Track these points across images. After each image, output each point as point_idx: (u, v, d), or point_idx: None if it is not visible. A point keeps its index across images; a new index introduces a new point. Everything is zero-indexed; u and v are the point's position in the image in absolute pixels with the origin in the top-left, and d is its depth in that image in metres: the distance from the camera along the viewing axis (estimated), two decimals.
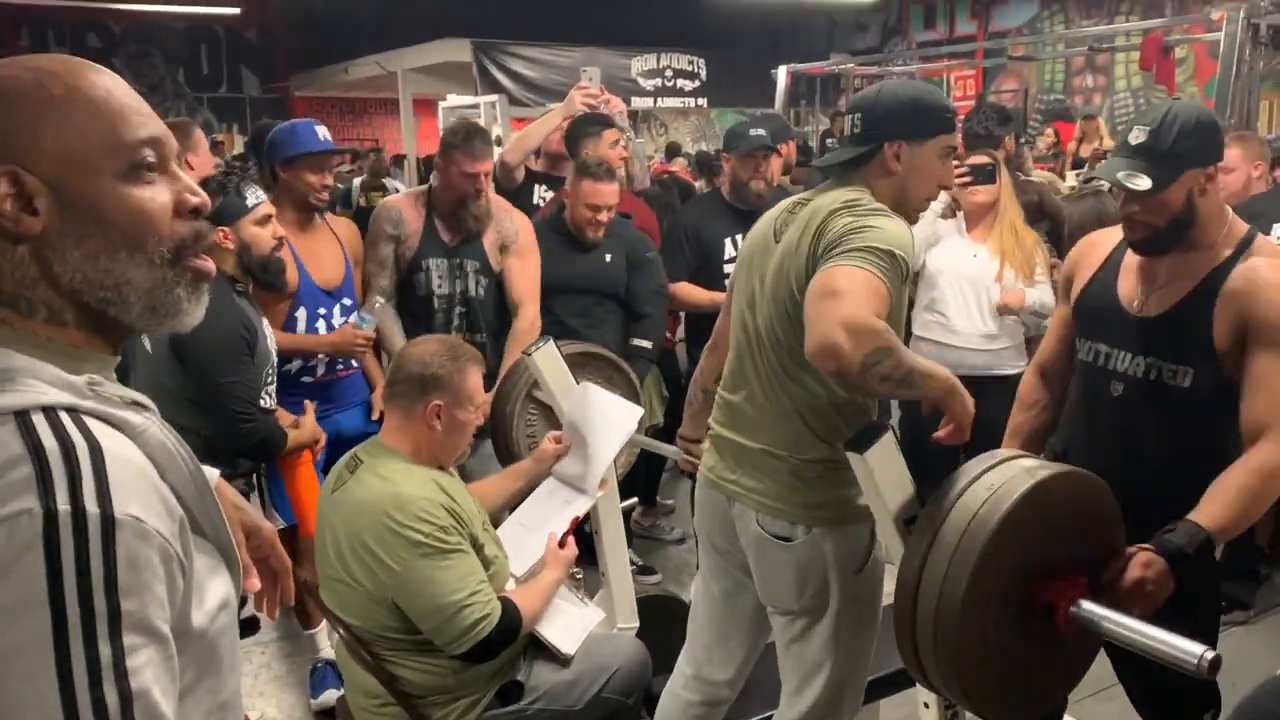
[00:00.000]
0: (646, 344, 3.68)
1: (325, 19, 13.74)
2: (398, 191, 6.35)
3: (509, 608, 2.24)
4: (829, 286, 1.75)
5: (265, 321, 2.80)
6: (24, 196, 0.91)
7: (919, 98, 2.01)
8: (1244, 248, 2.08)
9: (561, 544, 2.49)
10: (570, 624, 2.44)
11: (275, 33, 15.14)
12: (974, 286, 3.60)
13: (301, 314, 3.15)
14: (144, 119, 0.97)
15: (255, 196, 2.73)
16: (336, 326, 3.20)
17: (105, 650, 0.82)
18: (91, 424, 0.90)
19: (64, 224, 0.92)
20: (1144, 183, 2.02)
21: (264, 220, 2.74)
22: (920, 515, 1.79)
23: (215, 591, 1.02)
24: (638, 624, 2.84)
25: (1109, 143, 7.47)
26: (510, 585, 2.39)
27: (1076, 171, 6.76)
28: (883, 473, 1.82)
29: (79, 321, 0.96)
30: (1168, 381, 2.11)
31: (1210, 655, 1.54)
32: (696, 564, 2.54)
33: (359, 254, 3.40)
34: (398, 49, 12.19)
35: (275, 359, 2.82)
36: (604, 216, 3.57)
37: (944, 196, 3.58)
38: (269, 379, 2.77)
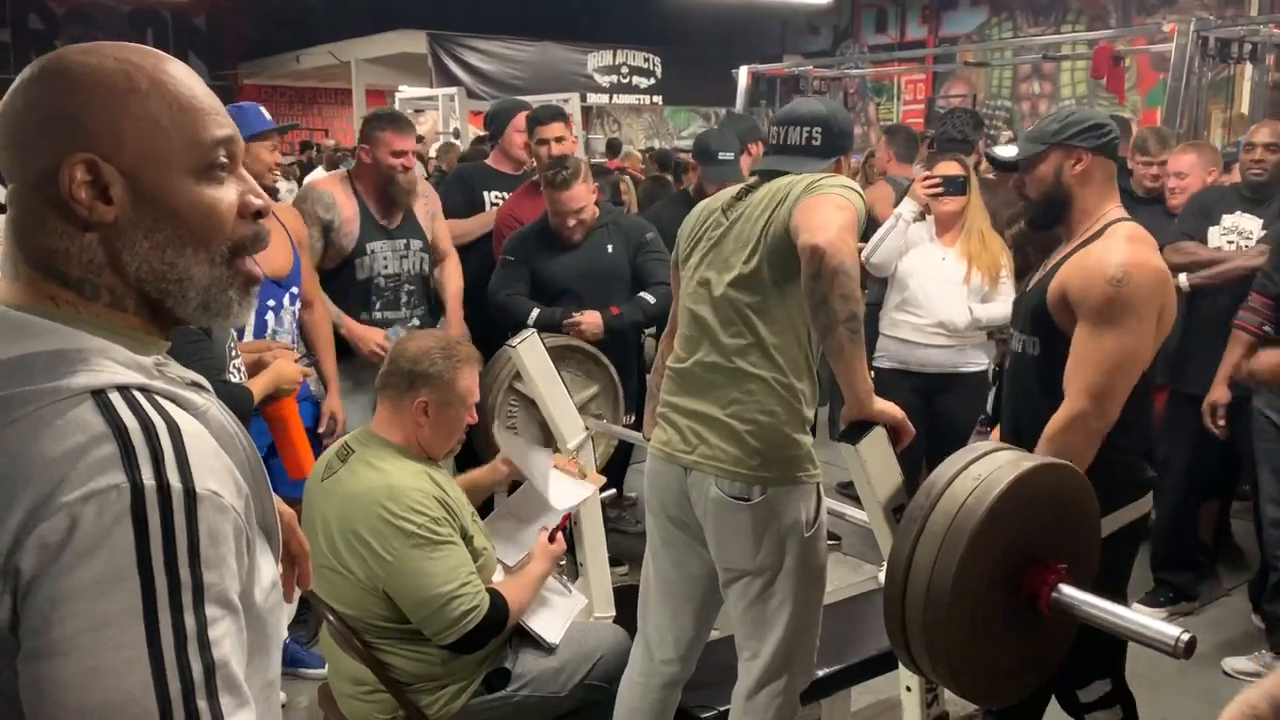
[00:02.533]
0: (650, 297, 3.60)
1: (277, 6, 13.56)
2: None
3: (497, 600, 2.27)
4: (826, 204, 1.98)
5: None
6: (100, 185, 0.92)
7: (849, 118, 2.35)
8: (1100, 233, 2.25)
9: (551, 538, 2.52)
10: (554, 613, 2.48)
11: (224, 19, 14.91)
12: (942, 288, 3.71)
13: (269, 305, 3.12)
14: (220, 118, 0.99)
15: None
16: (286, 316, 3.17)
17: (190, 621, 0.85)
18: (164, 404, 0.92)
19: (137, 215, 0.94)
20: (1009, 151, 2.33)
21: None
22: (909, 505, 1.86)
23: (267, 570, 1.05)
24: (614, 613, 2.89)
25: None
26: (498, 575, 2.42)
27: None
28: (874, 463, 1.89)
29: (138, 309, 0.98)
30: (1028, 352, 2.33)
31: (1186, 637, 1.63)
32: None
33: (304, 242, 3.40)
34: (351, 39, 12.08)
35: (233, 334, 2.76)
36: (572, 222, 3.54)
37: (915, 205, 3.68)
38: (234, 353, 2.73)
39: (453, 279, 3.76)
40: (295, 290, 3.21)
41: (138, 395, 0.90)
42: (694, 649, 2.41)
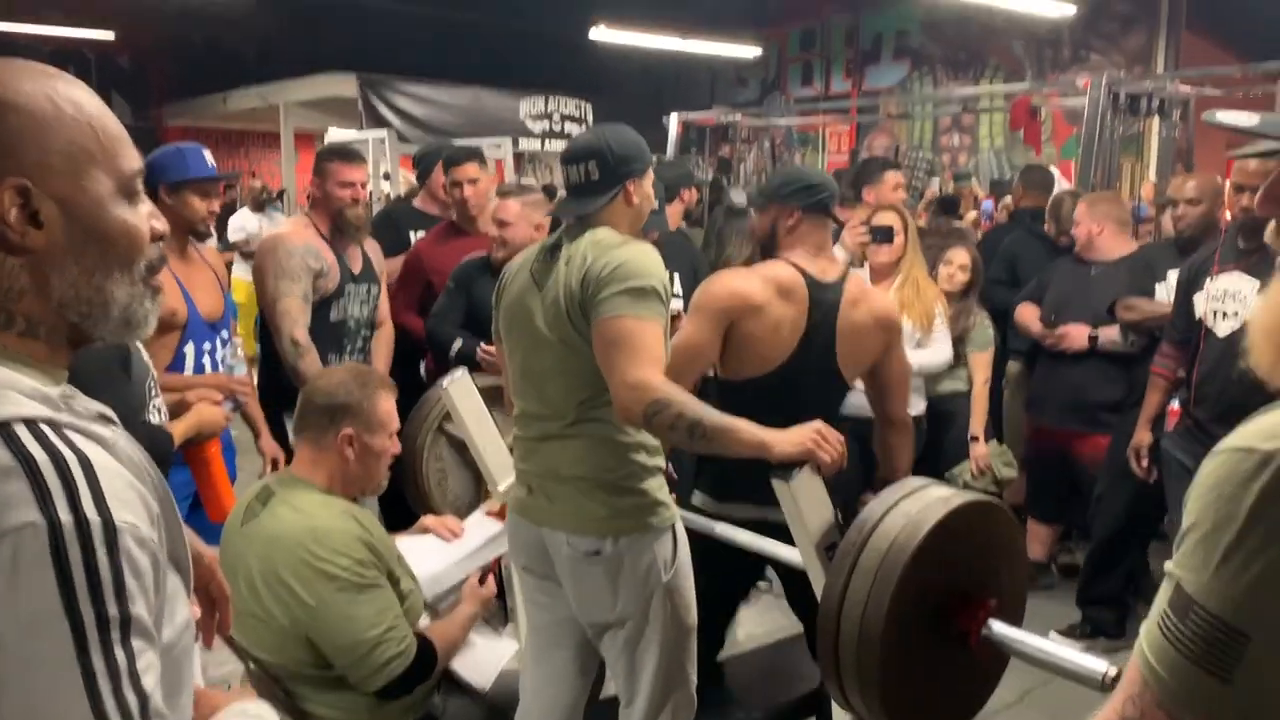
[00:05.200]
0: None
1: (204, 47, 13.41)
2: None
3: (424, 644, 2.22)
4: (611, 342, 2.03)
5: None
6: (30, 209, 0.91)
7: (635, 138, 2.28)
8: None
9: (481, 580, 2.48)
10: (484, 657, 2.43)
11: (149, 59, 14.68)
12: None
13: (190, 349, 3.01)
14: (131, 146, 1.01)
15: None
16: (220, 360, 3.10)
17: (121, 655, 0.83)
18: (72, 436, 0.90)
19: (68, 240, 0.93)
20: (742, 198, 2.67)
21: None
22: (841, 542, 1.86)
23: (180, 612, 1.01)
24: None
25: (984, 196, 7.90)
26: (424, 619, 2.37)
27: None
28: (806, 500, 1.90)
29: (50, 335, 0.96)
30: None
31: (1114, 672, 1.65)
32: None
33: (226, 283, 3.34)
34: (280, 81, 11.97)
35: (153, 372, 2.69)
36: (507, 235, 3.44)
37: (843, 254, 3.74)
38: (153, 393, 2.65)
39: (381, 351, 3.64)
40: (226, 334, 3.15)
41: (45, 428, 0.88)
42: (576, 711, 2.40)
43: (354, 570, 2.12)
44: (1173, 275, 3.82)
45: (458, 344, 3.46)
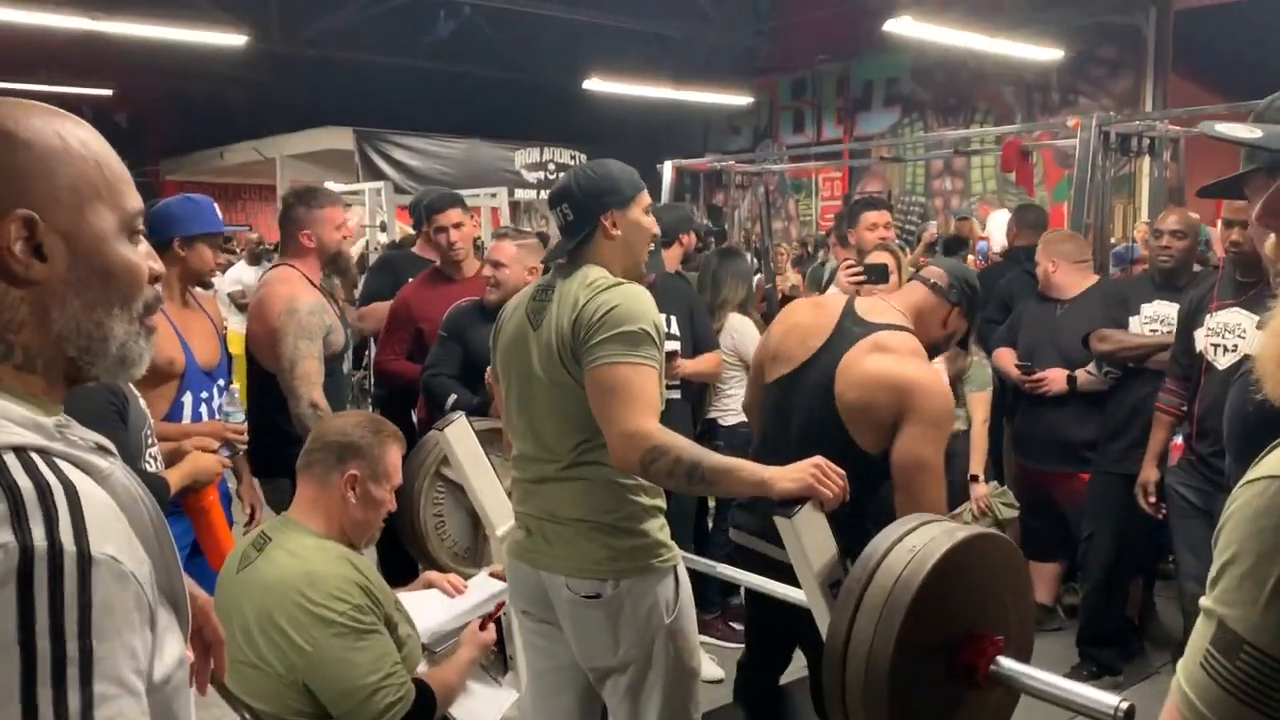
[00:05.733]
0: None
1: (201, 103, 13.55)
2: None
3: (424, 690, 2.18)
4: (605, 389, 2.01)
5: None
6: (34, 242, 0.91)
7: (609, 170, 2.23)
8: None
9: (482, 626, 2.44)
10: (483, 704, 2.39)
11: (146, 115, 14.82)
12: None
13: (188, 398, 2.97)
14: (133, 186, 1.02)
15: None
16: (216, 409, 3.07)
17: (74, 699, 0.79)
18: (63, 466, 0.88)
19: (71, 274, 0.94)
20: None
21: None
22: (845, 579, 1.83)
23: (172, 647, 0.99)
24: None
25: (980, 236, 7.94)
26: (423, 665, 2.33)
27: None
28: (809, 537, 1.87)
29: (47, 370, 0.96)
30: None
31: (1125, 705, 1.62)
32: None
33: (223, 331, 3.31)
34: (276, 135, 12.09)
35: (150, 421, 2.67)
36: (500, 276, 3.45)
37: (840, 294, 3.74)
38: (149, 441, 2.63)
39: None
40: (223, 382, 3.12)
41: (34, 457, 0.86)
42: None
43: (351, 615, 2.08)
44: (1146, 308, 3.85)
45: (453, 398, 3.42)
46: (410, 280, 4.13)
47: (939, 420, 2.41)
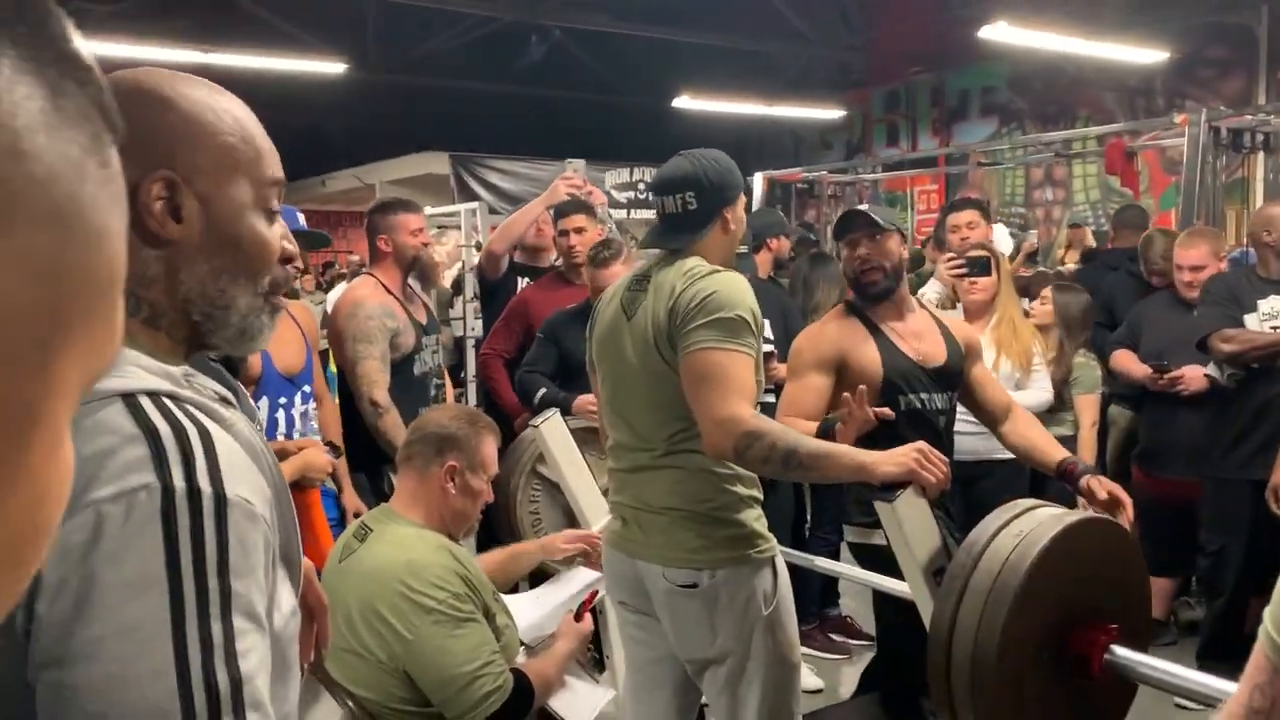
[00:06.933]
0: None
1: (301, 132, 13.99)
2: None
3: (521, 680, 2.18)
4: (699, 376, 2.00)
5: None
6: (173, 204, 0.94)
7: (730, 163, 2.26)
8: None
9: (578, 617, 2.44)
10: (581, 701, 2.38)
11: None
12: None
13: (264, 403, 3.03)
14: (276, 160, 1.04)
15: None
16: (296, 415, 3.14)
17: (218, 630, 0.82)
18: (194, 411, 0.91)
19: (203, 240, 0.96)
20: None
21: None
22: (950, 565, 1.79)
23: (287, 598, 1.01)
24: None
25: (1090, 244, 7.70)
26: (521, 656, 2.34)
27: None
28: (910, 523, 1.83)
29: (171, 329, 0.99)
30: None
31: None
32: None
33: (316, 341, 3.40)
34: (375, 162, 12.41)
35: (258, 417, 2.71)
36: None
37: (939, 287, 3.67)
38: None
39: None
40: (307, 389, 3.19)
41: (168, 402, 0.89)
42: None
43: (450, 604, 2.10)
44: (1264, 305, 3.68)
45: (542, 391, 3.49)
46: (525, 282, 4.24)
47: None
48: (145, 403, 0.87)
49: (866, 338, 2.62)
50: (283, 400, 3.09)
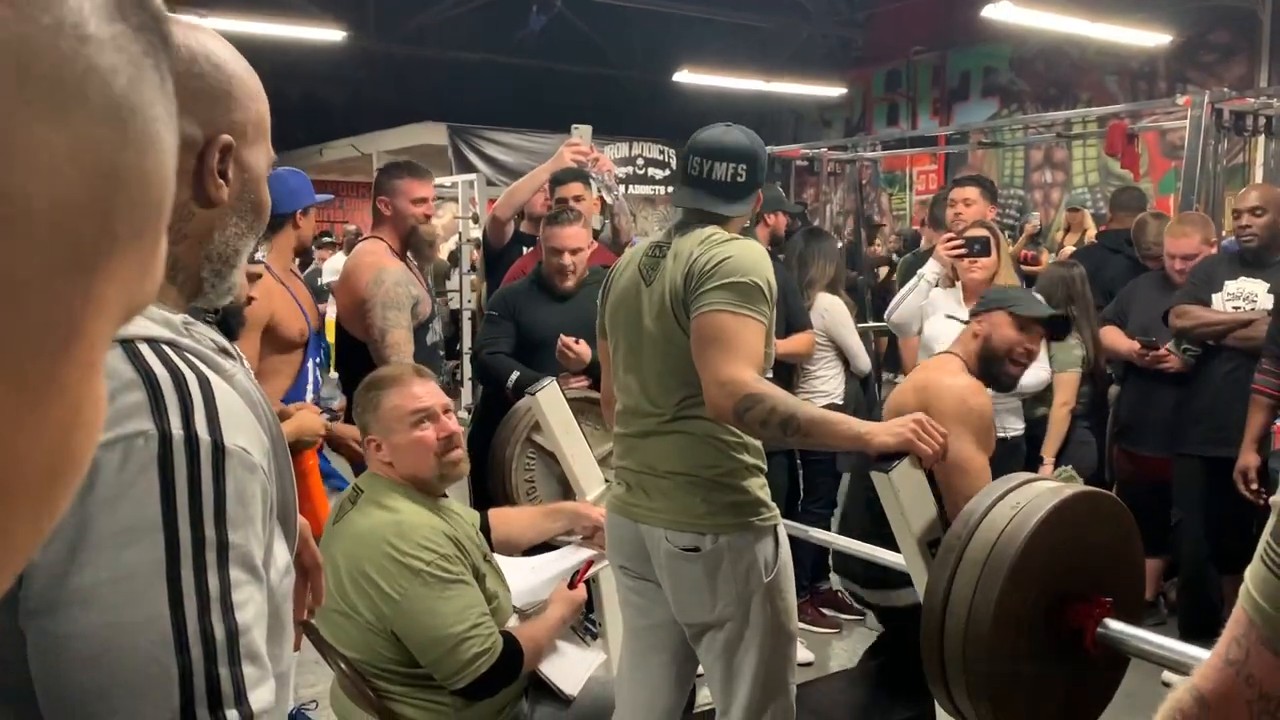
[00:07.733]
0: None
1: (299, 101, 13.90)
2: None
3: (511, 643, 2.17)
4: (705, 338, 2.00)
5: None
6: (223, 167, 0.94)
7: (762, 143, 2.26)
8: None
9: (572, 585, 2.44)
10: (572, 663, 2.38)
11: None
12: None
13: (310, 364, 3.14)
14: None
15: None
16: (319, 374, 3.18)
17: (214, 580, 0.81)
18: (192, 359, 0.90)
19: (238, 202, 0.97)
20: None
21: (251, 278, 2.71)
22: (945, 536, 1.78)
23: (282, 555, 1.00)
24: None
25: (1092, 231, 7.67)
26: (513, 621, 2.34)
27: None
28: (906, 493, 1.82)
29: (183, 284, 0.99)
30: None
31: None
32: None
33: (313, 310, 3.38)
34: (372, 132, 12.33)
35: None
36: (567, 260, 3.42)
37: (938, 267, 3.65)
38: None
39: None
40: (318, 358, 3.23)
41: (167, 349, 0.88)
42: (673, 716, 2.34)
43: (439, 565, 2.09)
44: (1230, 285, 3.70)
45: (514, 375, 3.34)
46: (528, 250, 4.18)
47: (962, 417, 2.36)
48: (144, 349, 0.86)
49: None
50: (317, 360, 3.13)
